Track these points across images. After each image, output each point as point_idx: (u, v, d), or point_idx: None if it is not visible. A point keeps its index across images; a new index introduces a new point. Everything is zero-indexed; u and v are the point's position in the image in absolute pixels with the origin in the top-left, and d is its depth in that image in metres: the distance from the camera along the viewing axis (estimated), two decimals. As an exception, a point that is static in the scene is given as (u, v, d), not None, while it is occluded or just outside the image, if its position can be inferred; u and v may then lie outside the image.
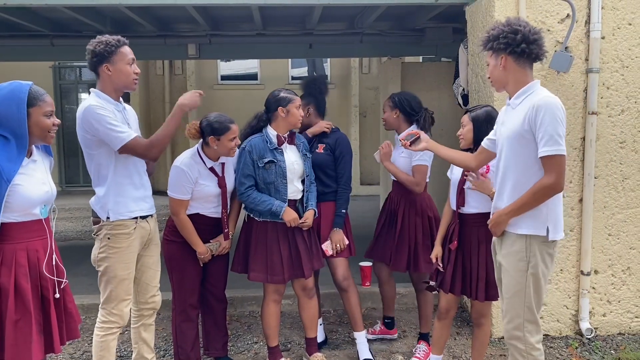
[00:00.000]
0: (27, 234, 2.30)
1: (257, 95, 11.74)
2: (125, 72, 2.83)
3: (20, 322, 2.24)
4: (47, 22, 5.98)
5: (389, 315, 4.02)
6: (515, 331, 2.58)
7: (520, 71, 2.54)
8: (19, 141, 2.26)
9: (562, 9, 3.82)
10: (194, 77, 11.32)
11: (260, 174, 3.25)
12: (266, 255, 3.27)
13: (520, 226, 2.54)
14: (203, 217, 3.26)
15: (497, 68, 2.57)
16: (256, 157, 3.24)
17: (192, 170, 3.14)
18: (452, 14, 5.52)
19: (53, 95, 11.35)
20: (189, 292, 3.31)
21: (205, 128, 3.18)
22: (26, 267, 2.28)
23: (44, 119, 2.32)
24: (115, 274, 2.84)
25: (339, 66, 12.02)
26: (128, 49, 2.86)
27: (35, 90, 2.32)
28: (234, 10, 5.64)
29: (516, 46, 2.49)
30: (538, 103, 2.42)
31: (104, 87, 2.83)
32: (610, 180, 3.97)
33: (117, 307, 2.87)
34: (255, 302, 4.58)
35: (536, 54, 2.53)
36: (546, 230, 2.51)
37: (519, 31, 2.48)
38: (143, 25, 6.09)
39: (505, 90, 2.64)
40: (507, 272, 2.59)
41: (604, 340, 3.98)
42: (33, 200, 2.30)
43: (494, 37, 2.54)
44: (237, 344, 3.99)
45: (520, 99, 2.54)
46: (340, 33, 6.69)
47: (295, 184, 3.33)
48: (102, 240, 2.85)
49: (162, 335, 4.16)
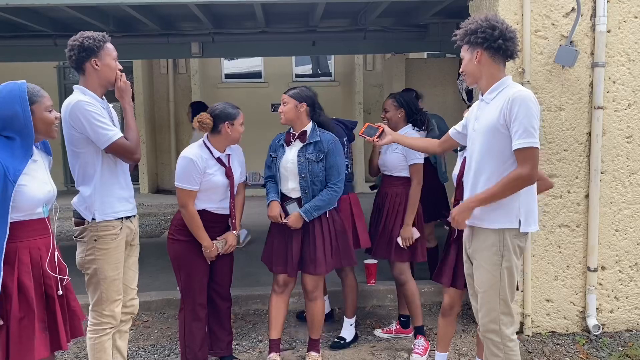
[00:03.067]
0: (30, 232, 2.32)
1: (261, 93, 11.77)
2: (112, 66, 2.83)
3: (24, 319, 2.27)
4: (50, 22, 5.97)
5: (405, 314, 4.00)
6: (491, 324, 2.62)
7: (494, 66, 2.57)
8: (24, 141, 2.28)
9: (567, 3, 3.78)
10: (198, 76, 11.31)
11: (272, 166, 3.50)
12: (270, 243, 3.50)
13: (494, 221, 2.56)
14: (210, 213, 3.26)
15: (472, 62, 2.59)
16: (271, 151, 3.51)
17: (200, 160, 3.17)
18: (456, 9, 5.48)
19: (57, 95, 11.43)
20: (197, 291, 3.30)
21: (220, 114, 3.23)
22: (29, 265, 2.29)
23: (47, 114, 2.35)
24: (106, 275, 2.82)
25: (343, 63, 11.98)
26: (112, 46, 2.86)
27: (32, 87, 2.34)
28: (236, 8, 5.62)
29: (493, 41, 2.51)
30: (513, 96, 2.45)
31: (89, 83, 2.80)
32: (617, 175, 3.93)
33: (109, 307, 2.85)
34: (260, 301, 4.57)
35: (511, 52, 2.56)
36: (518, 222, 2.54)
37: (497, 27, 2.51)
38: (146, 24, 6.08)
39: (477, 85, 2.66)
40: (481, 267, 2.62)
41: (611, 337, 3.95)
42: (37, 200, 2.32)
43: (471, 31, 2.55)
44: (242, 343, 3.98)
45: (494, 94, 2.57)
46: (344, 30, 6.65)
47: (289, 182, 3.40)
48: (87, 242, 2.81)
49: (166, 335, 4.16)
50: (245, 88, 11.70)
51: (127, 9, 5.17)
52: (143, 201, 10.09)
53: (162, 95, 11.68)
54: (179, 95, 11.64)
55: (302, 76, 12.14)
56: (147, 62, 11.14)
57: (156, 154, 11.67)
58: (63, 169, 11.69)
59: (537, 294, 3.96)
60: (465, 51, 2.61)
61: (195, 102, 6.35)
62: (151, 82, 11.54)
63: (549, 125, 3.84)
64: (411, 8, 5.91)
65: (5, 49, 6.71)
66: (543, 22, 3.79)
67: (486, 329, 2.65)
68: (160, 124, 11.71)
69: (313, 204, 3.33)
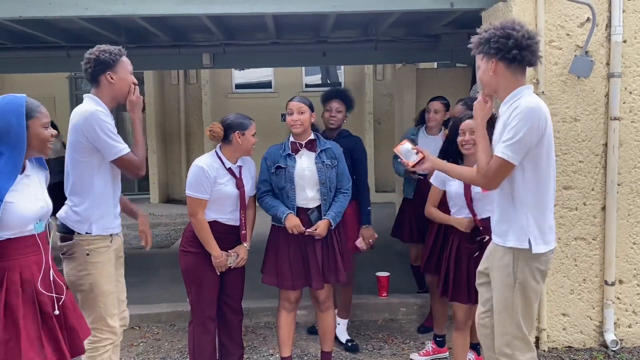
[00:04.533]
0: (20, 250, 2.21)
1: (271, 104, 11.77)
2: (128, 80, 2.85)
3: (10, 341, 2.15)
4: (62, 33, 6.02)
5: (441, 334, 3.87)
6: (504, 347, 2.48)
7: (510, 77, 2.41)
8: (14, 156, 2.18)
9: (582, 13, 3.74)
10: (208, 86, 11.34)
11: (273, 179, 3.34)
12: (277, 259, 3.33)
13: (506, 238, 2.46)
14: (220, 224, 3.23)
15: (487, 72, 2.44)
16: (270, 163, 3.35)
17: (211, 169, 3.16)
18: (468, 19, 5.45)
19: (69, 106, 11.50)
20: (207, 303, 3.27)
21: (231, 124, 3.21)
22: (18, 284, 2.19)
23: (42, 130, 2.25)
24: (102, 289, 2.78)
25: (353, 73, 11.98)
26: (127, 59, 2.87)
27: (31, 102, 2.25)
28: (248, 19, 5.63)
29: (507, 52, 2.36)
30: (518, 105, 2.34)
31: (102, 95, 2.81)
32: (635, 187, 3.86)
33: (108, 323, 2.82)
34: (271, 313, 4.52)
35: (529, 61, 2.41)
36: (528, 242, 2.41)
37: (512, 36, 2.34)
38: (158, 36, 6.11)
39: (495, 94, 2.54)
40: (495, 287, 2.51)
41: (629, 352, 3.86)
42: (27, 218, 2.22)
43: (484, 40, 2.42)
44: (253, 356, 3.94)
45: (507, 105, 2.44)
46: (354, 40, 6.64)
47: (306, 191, 3.32)
48: (78, 258, 2.76)
49: (177, 347, 4.13)
50: (256, 98, 11.73)
51: (139, 21, 5.20)
52: (153, 211, 10.08)
53: (172, 106, 11.72)
54: (190, 105, 11.67)
55: (311, 86, 12.15)
56: (158, 73, 11.19)
57: (167, 164, 11.70)
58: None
59: (553, 308, 3.89)
60: (480, 60, 2.49)
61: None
62: (162, 92, 11.59)
63: (564, 136, 3.79)
64: (422, 18, 5.88)
65: (18, 61, 6.77)
66: (557, 32, 3.75)
67: (500, 352, 2.52)
68: (171, 134, 11.73)
69: (337, 210, 3.34)
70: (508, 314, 2.46)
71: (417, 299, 4.68)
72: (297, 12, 4.14)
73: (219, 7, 4.13)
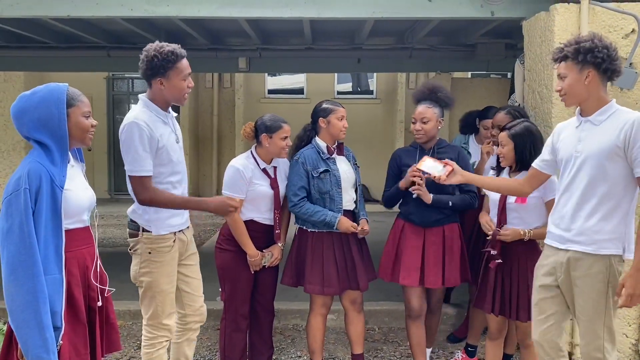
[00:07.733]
0: (77, 242, 2.22)
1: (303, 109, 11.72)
2: (180, 87, 2.76)
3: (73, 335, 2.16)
4: (103, 33, 6.16)
5: (474, 344, 3.83)
6: (595, 352, 2.53)
7: (602, 88, 2.51)
8: (59, 145, 2.15)
9: (626, 24, 3.67)
10: (242, 91, 11.47)
11: (315, 184, 3.27)
12: (322, 266, 3.27)
13: (603, 247, 2.48)
14: (256, 224, 3.28)
15: (581, 82, 2.47)
16: (310, 167, 3.27)
17: (246, 169, 3.21)
18: (505, 29, 5.41)
19: (106, 106, 11.76)
20: (240, 301, 3.30)
21: (259, 126, 3.27)
22: (78, 276, 2.20)
23: (83, 119, 2.22)
24: (161, 288, 2.80)
25: (385, 81, 11.97)
26: (185, 63, 2.77)
27: (73, 91, 2.23)
28: (285, 24, 5.69)
29: (610, 63, 2.43)
30: (636, 118, 2.39)
31: (155, 97, 2.77)
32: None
33: (165, 321, 2.84)
34: (300, 316, 4.54)
35: (617, 73, 2.49)
36: (623, 249, 2.48)
37: (609, 48, 2.44)
38: (196, 38, 6.20)
39: (579, 105, 2.57)
40: (585, 294, 2.52)
41: (666, 372, 3.75)
42: (82, 207, 2.24)
43: (585, 49, 2.44)
44: (281, 357, 3.95)
45: (606, 116, 2.49)
46: (389, 48, 6.65)
47: (349, 193, 3.36)
48: (141, 255, 2.78)
49: (206, 345, 4.16)
50: (288, 103, 11.81)
51: (179, 23, 5.29)
52: (183, 212, 10.20)
53: (206, 109, 11.88)
54: (223, 109, 11.82)
55: (343, 93, 12.18)
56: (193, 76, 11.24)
57: (198, 166, 11.84)
58: (107, 176, 12.00)
59: (588, 323, 3.80)
60: (570, 70, 2.48)
61: None
62: (196, 95, 11.76)
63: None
64: (459, 27, 5.86)
65: (60, 60, 6.94)
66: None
67: (589, 358, 2.55)
68: (204, 137, 11.89)
69: (364, 211, 3.43)
70: (600, 319, 2.50)
71: (447, 308, 4.63)
72: (336, 17, 4.16)
73: (260, 11, 4.17)
